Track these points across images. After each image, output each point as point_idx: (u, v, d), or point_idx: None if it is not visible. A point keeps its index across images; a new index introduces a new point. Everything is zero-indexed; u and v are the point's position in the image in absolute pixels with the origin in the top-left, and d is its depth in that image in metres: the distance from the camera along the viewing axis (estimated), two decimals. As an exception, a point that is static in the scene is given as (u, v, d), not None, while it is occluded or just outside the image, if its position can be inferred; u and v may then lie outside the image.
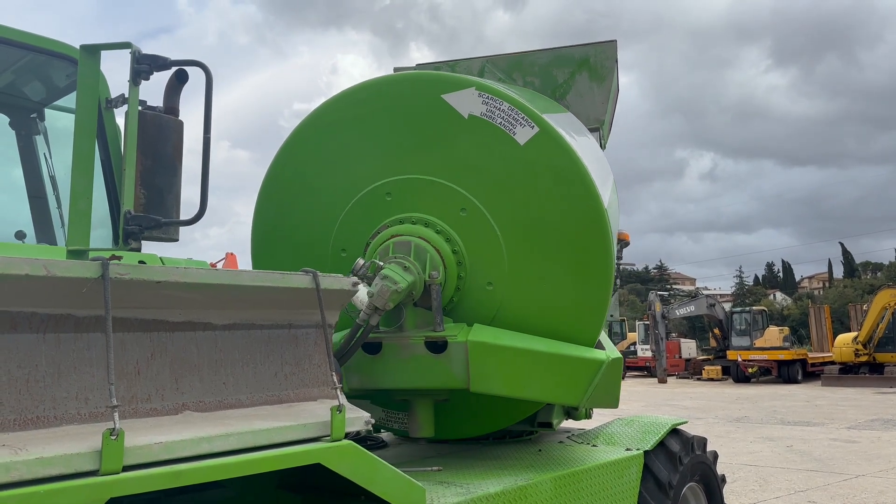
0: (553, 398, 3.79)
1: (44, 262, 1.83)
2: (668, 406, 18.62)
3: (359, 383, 3.62)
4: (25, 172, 3.63)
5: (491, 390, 3.57)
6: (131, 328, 2.12)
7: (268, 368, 2.50)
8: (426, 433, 3.81)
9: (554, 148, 3.76)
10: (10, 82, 3.43)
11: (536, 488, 3.45)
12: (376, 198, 3.89)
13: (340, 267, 3.88)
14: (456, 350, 3.50)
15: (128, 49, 2.36)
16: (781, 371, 28.64)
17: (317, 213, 4.02)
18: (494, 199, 3.77)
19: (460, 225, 3.78)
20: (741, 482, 8.90)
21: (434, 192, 3.82)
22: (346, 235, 3.95)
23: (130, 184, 2.38)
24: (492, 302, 3.78)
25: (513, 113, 3.75)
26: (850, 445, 11.89)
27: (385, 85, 4.02)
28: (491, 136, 3.77)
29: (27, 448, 1.74)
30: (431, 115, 3.86)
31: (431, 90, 3.86)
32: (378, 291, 3.36)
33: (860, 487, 8.61)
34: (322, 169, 4.03)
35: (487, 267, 3.78)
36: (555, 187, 3.75)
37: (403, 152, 3.90)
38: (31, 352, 1.89)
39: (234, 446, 2.14)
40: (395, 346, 3.58)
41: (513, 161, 3.76)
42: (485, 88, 3.79)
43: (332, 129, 4.02)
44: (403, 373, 3.58)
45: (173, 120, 2.53)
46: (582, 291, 3.76)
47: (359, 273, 3.42)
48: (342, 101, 4.04)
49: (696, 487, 4.67)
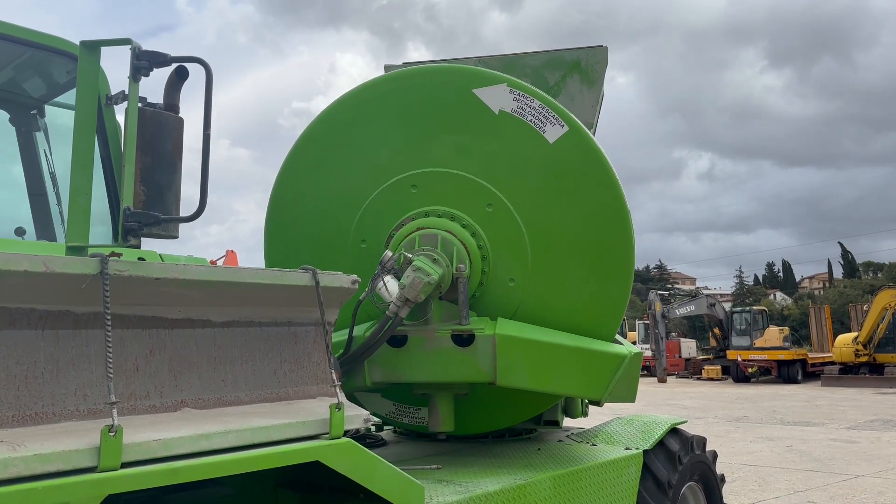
0: (576, 392, 3.81)
1: (43, 259, 1.83)
2: (667, 405, 18.61)
3: (382, 376, 3.60)
4: (25, 169, 3.62)
5: (516, 384, 3.58)
6: (130, 325, 2.12)
7: (267, 366, 2.50)
8: (446, 427, 3.80)
9: (583, 148, 3.80)
10: (11, 78, 3.42)
11: (535, 487, 3.45)
12: (401, 189, 3.88)
13: (360, 257, 3.88)
14: (483, 343, 3.51)
15: (128, 45, 2.36)
16: (781, 371, 28.63)
17: (337, 202, 3.98)
18: (521, 195, 3.80)
19: (486, 220, 3.80)
20: (740, 482, 8.90)
21: (461, 186, 3.83)
22: (367, 226, 3.92)
23: (130, 180, 2.38)
24: (513, 298, 3.81)
25: (543, 111, 3.78)
26: (849, 446, 11.89)
27: (415, 76, 4.01)
28: (520, 132, 3.79)
29: (25, 444, 1.74)
30: (461, 109, 3.86)
31: (463, 84, 3.87)
32: (410, 283, 3.35)
33: (859, 488, 8.60)
34: (345, 157, 3.99)
35: (511, 263, 3.81)
36: (582, 187, 3.80)
37: (431, 144, 3.90)
38: (29, 348, 1.89)
39: (232, 443, 2.14)
40: (420, 339, 3.57)
41: (541, 158, 3.79)
42: (516, 85, 3.82)
43: (358, 117, 3.99)
44: (429, 366, 3.57)
45: (173, 117, 2.52)
46: (603, 289, 3.82)
47: (387, 265, 3.42)
48: (370, 89, 4.02)
49: (696, 487, 4.67)
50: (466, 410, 4.05)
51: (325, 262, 3.91)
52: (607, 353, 3.69)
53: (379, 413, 4.26)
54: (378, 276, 3.43)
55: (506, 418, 4.31)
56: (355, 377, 3.57)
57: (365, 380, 3.57)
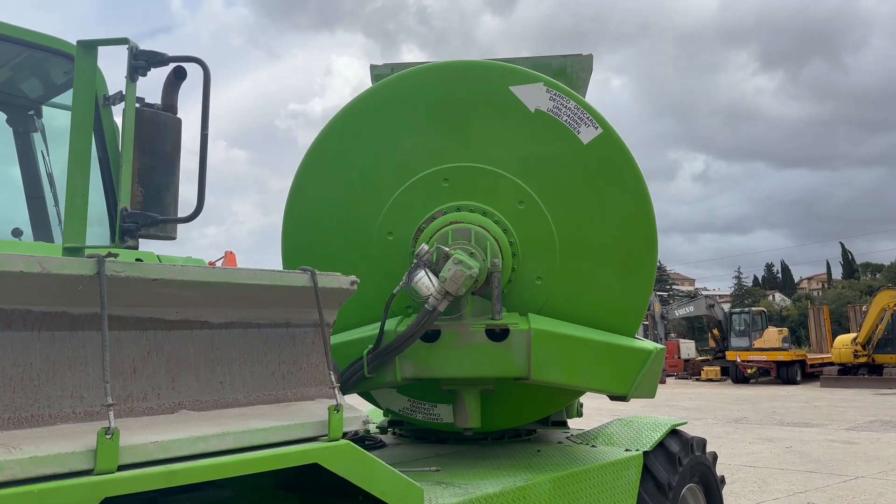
0: (604, 387, 3.82)
1: (39, 259, 1.82)
2: (666, 407, 18.60)
3: (413, 372, 3.58)
4: (22, 170, 3.60)
5: (549, 378, 3.60)
6: (127, 326, 2.10)
7: (265, 367, 2.49)
8: (474, 424, 3.79)
9: (616, 151, 3.87)
10: (8, 79, 3.41)
11: (535, 489, 3.43)
12: (432, 183, 3.87)
13: (385, 249, 3.88)
14: (518, 338, 3.51)
15: (125, 45, 2.34)
16: (780, 372, 28.63)
17: (363, 193, 3.95)
18: (552, 194, 3.84)
19: (517, 217, 3.83)
20: (740, 483, 8.89)
21: (493, 182, 3.85)
22: (394, 218, 3.90)
23: (127, 181, 2.36)
24: (539, 296, 3.84)
25: (578, 112, 3.83)
26: (849, 447, 11.88)
27: (452, 70, 4.01)
28: (555, 132, 3.84)
29: (21, 447, 1.72)
30: (498, 106, 3.88)
31: (500, 80, 3.89)
32: (451, 276, 3.34)
33: (859, 489, 8.59)
34: (375, 148, 3.97)
35: (539, 261, 3.84)
36: (612, 189, 3.86)
37: (465, 139, 3.90)
38: (25, 350, 1.88)
39: (230, 446, 2.13)
40: (454, 333, 3.56)
41: (574, 159, 3.84)
42: (553, 85, 3.87)
43: (390, 107, 3.97)
44: (462, 361, 3.56)
45: (171, 117, 2.51)
46: (626, 290, 3.90)
47: (423, 258, 3.42)
48: (404, 81, 4.01)
49: (696, 488, 4.66)
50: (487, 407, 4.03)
51: (348, 254, 3.90)
52: (635, 348, 3.75)
53: (392, 409, 4.23)
54: (415, 269, 3.42)
55: (527, 414, 4.34)
56: (385, 372, 3.55)
57: (395, 375, 3.55)
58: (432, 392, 4.06)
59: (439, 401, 4.12)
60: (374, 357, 3.49)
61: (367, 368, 3.49)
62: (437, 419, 4.17)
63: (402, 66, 4.78)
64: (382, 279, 3.84)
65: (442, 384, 3.80)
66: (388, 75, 4.67)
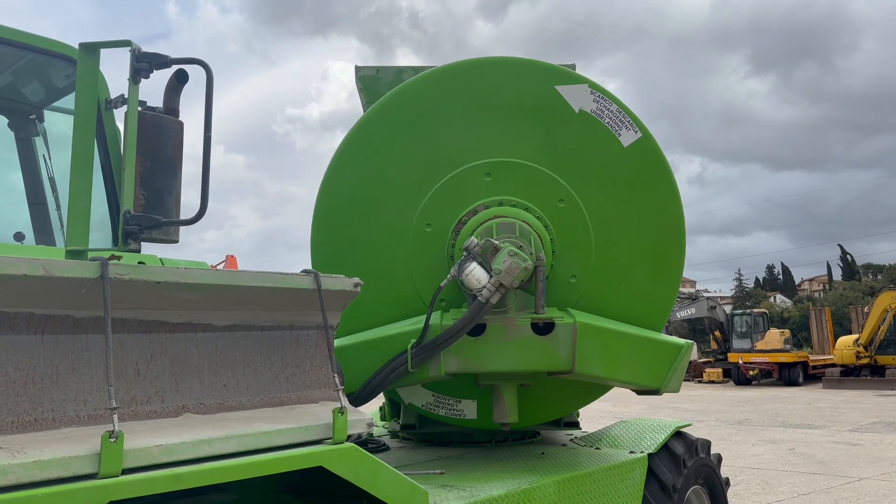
0: (640, 380, 3.85)
1: (42, 262, 1.81)
2: (669, 409, 18.57)
3: (457, 366, 3.57)
4: (24, 174, 3.60)
5: (590, 372, 3.64)
6: (131, 329, 2.09)
7: (269, 370, 2.47)
8: (512, 419, 3.80)
9: (654, 155, 3.97)
10: (9, 83, 3.40)
11: (540, 491, 3.42)
12: (475, 176, 3.88)
13: (422, 241, 3.87)
14: (563, 332, 3.55)
15: (127, 47, 2.34)
16: (782, 373, 28.58)
17: (404, 183, 3.93)
18: (591, 194, 3.90)
19: (556, 215, 3.88)
20: (744, 485, 8.86)
21: (535, 179, 3.88)
22: (434, 210, 3.89)
23: (130, 184, 2.36)
24: (572, 294, 3.88)
25: (620, 115, 3.91)
26: (852, 448, 11.85)
27: (497, 66, 4.02)
28: (597, 133, 3.90)
29: (25, 451, 1.71)
30: (542, 103, 3.92)
31: (547, 79, 3.93)
32: (507, 269, 3.34)
33: (863, 490, 8.57)
34: (417, 138, 3.95)
35: (574, 260, 3.89)
36: (649, 192, 3.95)
37: (508, 135, 3.92)
38: (29, 353, 1.87)
39: (234, 449, 2.11)
40: (500, 327, 3.56)
41: (614, 161, 3.91)
42: (597, 87, 3.92)
43: (432, 99, 3.97)
44: (507, 355, 3.57)
45: (173, 120, 2.51)
46: (656, 290, 3.99)
47: (472, 251, 3.41)
48: (449, 73, 4.02)
49: (700, 490, 4.64)
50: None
51: (383, 246, 3.88)
52: (668, 343, 3.82)
53: (415, 404, 4.20)
54: (465, 261, 3.42)
55: (555, 411, 4.38)
56: (429, 367, 3.54)
57: (440, 369, 3.54)
58: (457, 387, 4.05)
59: (463, 396, 4.11)
60: (418, 351, 3.47)
61: (411, 363, 3.46)
62: (461, 415, 4.15)
63: (387, 69, 4.78)
64: (417, 271, 3.85)
65: (481, 379, 3.79)
66: (374, 76, 4.69)
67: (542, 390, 4.06)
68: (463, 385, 3.98)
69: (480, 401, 4.12)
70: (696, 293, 32.65)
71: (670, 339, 3.86)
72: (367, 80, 4.76)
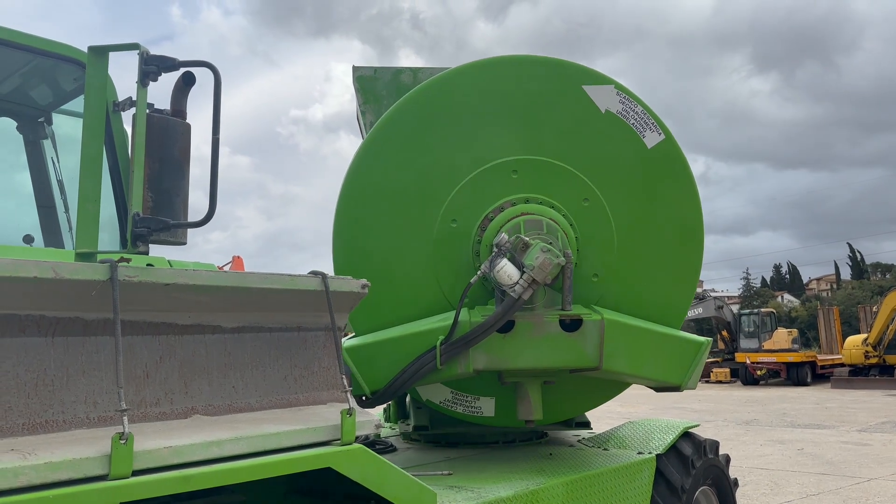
0: (663, 377, 3.88)
1: (52, 265, 1.82)
2: (676, 409, 18.52)
3: (486, 363, 3.58)
4: (33, 177, 3.62)
5: (616, 368, 3.67)
6: (140, 331, 2.10)
7: (277, 371, 2.48)
8: (537, 416, 3.81)
9: (676, 157, 4.03)
10: (18, 86, 3.42)
11: (548, 492, 3.42)
12: (501, 173, 3.90)
13: (446, 236, 3.87)
14: (591, 328, 3.58)
15: (136, 50, 2.35)
16: (790, 373, 28.45)
17: (430, 178, 3.92)
18: (615, 194, 3.94)
19: (581, 214, 3.91)
20: (752, 486, 8.83)
21: (561, 177, 3.91)
22: (459, 205, 3.89)
23: (138, 186, 2.37)
24: (593, 293, 3.90)
25: (645, 117, 3.96)
26: (861, 448, 11.79)
27: (526, 64, 4.03)
28: (622, 134, 3.94)
29: (36, 452, 1.72)
30: (569, 103, 3.95)
31: (574, 78, 3.96)
32: (540, 265, 3.35)
33: (872, 491, 8.52)
34: (444, 133, 3.95)
35: (597, 259, 3.92)
36: (670, 193, 4.00)
37: (536, 133, 3.94)
38: (39, 355, 1.88)
39: (243, 450, 2.12)
40: (529, 324, 3.58)
41: (638, 162, 3.96)
42: (622, 89, 3.96)
43: (462, 94, 3.98)
44: (536, 352, 3.59)
45: (181, 123, 2.52)
46: (674, 290, 4.05)
47: (503, 247, 3.43)
48: (478, 69, 4.03)
49: (709, 491, 4.62)
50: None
51: (407, 240, 3.87)
52: (690, 340, 3.87)
53: (433, 401, 4.20)
54: (496, 257, 3.44)
55: (575, 408, 4.41)
56: (457, 364, 3.55)
57: (468, 366, 3.55)
58: (476, 384, 4.05)
59: (482, 393, 4.12)
60: (447, 348, 3.48)
61: (440, 360, 3.47)
62: (478, 412, 4.15)
63: (384, 69, 4.79)
64: (440, 266, 3.86)
65: (506, 376, 3.80)
66: (371, 76, 4.70)
67: (561, 388, 4.07)
68: (482, 382, 3.98)
69: (499, 398, 4.12)
70: (703, 293, 32.51)
71: (691, 337, 3.91)
72: (364, 81, 4.77)
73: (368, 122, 4.75)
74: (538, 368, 3.65)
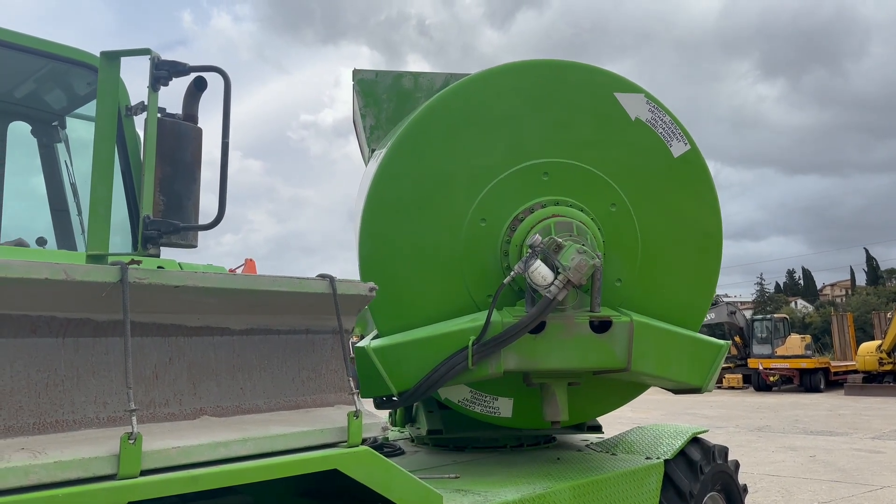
0: (686, 378, 3.92)
1: (63, 267, 1.84)
2: (687, 415, 18.41)
3: (517, 364, 3.60)
4: (46, 180, 3.66)
5: (644, 370, 3.72)
6: (149, 332, 2.12)
7: (285, 374, 2.50)
8: (564, 417, 3.83)
9: (700, 167, 4.12)
10: (32, 91, 3.47)
11: (555, 497, 3.41)
12: (533, 175, 3.93)
13: (476, 236, 3.87)
14: (620, 330, 3.64)
15: (147, 56, 2.38)
16: (803, 380, 28.21)
17: (462, 176, 3.92)
18: (641, 201, 4.00)
19: (607, 219, 3.96)
20: (763, 493, 8.77)
21: (591, 181, 3.96)
22: (490, 205, 3.90)
23: (150, 190, 2.40)
24: (616, 297, 3.92)
25: (672, 127, 4.04)
26: (874, 456, 11.68)
27: (561, 69, 4.08)
28: (650, 142, 4.01)
29: (46, 451, 1.74)
30: (601, 109, 4.00)
31: (607, 85, 4.03)
32: (576, 266, 3.38)
33: (885, 499, 8.44)
34: (477, 133, 3.96)
35: (621, 264, 3.96)
36: (693, 202, 4.09)
37: (567, 136, 3.98)
38: (50, 356, 1.90)
39: (251, 451, 2.14)
40: (560, 325, 3.61)
41: (664, 170, 4.03)
42: (652, 98, 4.04)
43: (496, 95, 4.01)
44: (566, 352, 3.62)
45: (192, 127, 2.55)
46: (693, 296, 4.12)
47: (537, 248, 3.46)
48: (514, 72, 4.06)
49: (718, 497, 4.60)
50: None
51: (435, 238, 3.87)
52: (711, 343, 3.94)
53: (451, 400, 4.19)
54: (531, 258, 3.46)
55: (595, 410, 4.45)
56: (488, 364, 3.55)
57: (499, 367, 3.57)
58: (495, 384, 4.06)
59: (501, 394, 4.12)
60: (479, 348, 3.49)
61: (472, 360, 3.47)
62: (496, 413, 4.14)
63: (385, 73, 4.82)
64: (468, 265, 3.86)
65: (534, 377, 3.82)
66: (372, 79, 4.72)
67: (583, 391, 4.09)
68: (502, 382, 3.98)
69: (517, 399, 4.12)
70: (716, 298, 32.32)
71: (711, 340, 3.97)
72: (364, 84, 4.80)
73: (368, 124, 4.78)
74: (568, 369, 3.68)
